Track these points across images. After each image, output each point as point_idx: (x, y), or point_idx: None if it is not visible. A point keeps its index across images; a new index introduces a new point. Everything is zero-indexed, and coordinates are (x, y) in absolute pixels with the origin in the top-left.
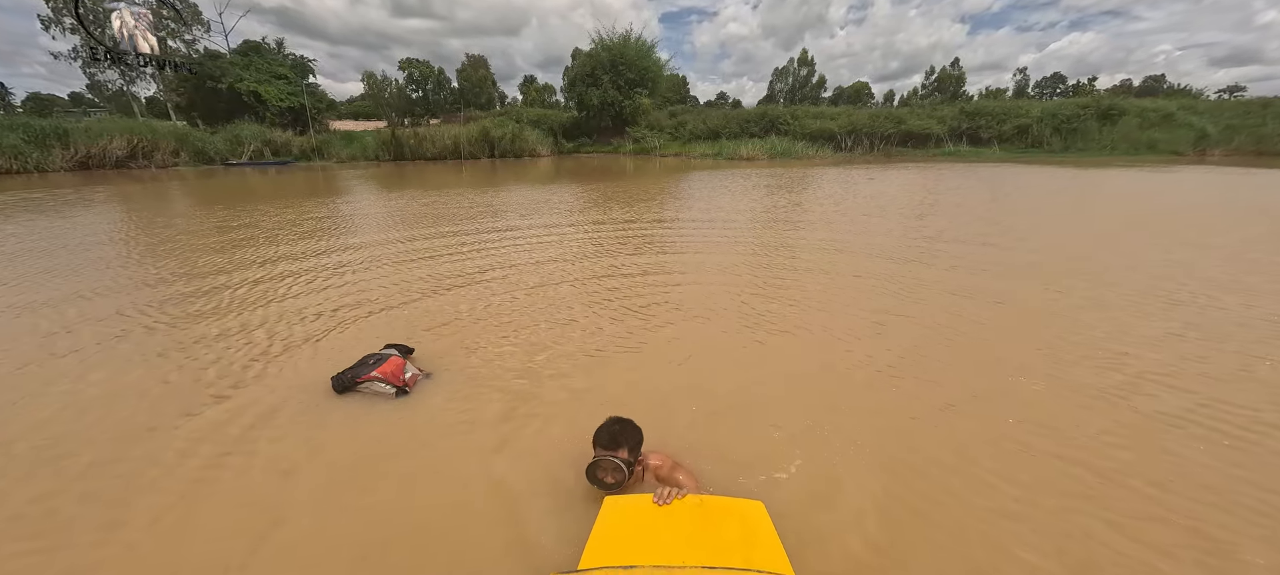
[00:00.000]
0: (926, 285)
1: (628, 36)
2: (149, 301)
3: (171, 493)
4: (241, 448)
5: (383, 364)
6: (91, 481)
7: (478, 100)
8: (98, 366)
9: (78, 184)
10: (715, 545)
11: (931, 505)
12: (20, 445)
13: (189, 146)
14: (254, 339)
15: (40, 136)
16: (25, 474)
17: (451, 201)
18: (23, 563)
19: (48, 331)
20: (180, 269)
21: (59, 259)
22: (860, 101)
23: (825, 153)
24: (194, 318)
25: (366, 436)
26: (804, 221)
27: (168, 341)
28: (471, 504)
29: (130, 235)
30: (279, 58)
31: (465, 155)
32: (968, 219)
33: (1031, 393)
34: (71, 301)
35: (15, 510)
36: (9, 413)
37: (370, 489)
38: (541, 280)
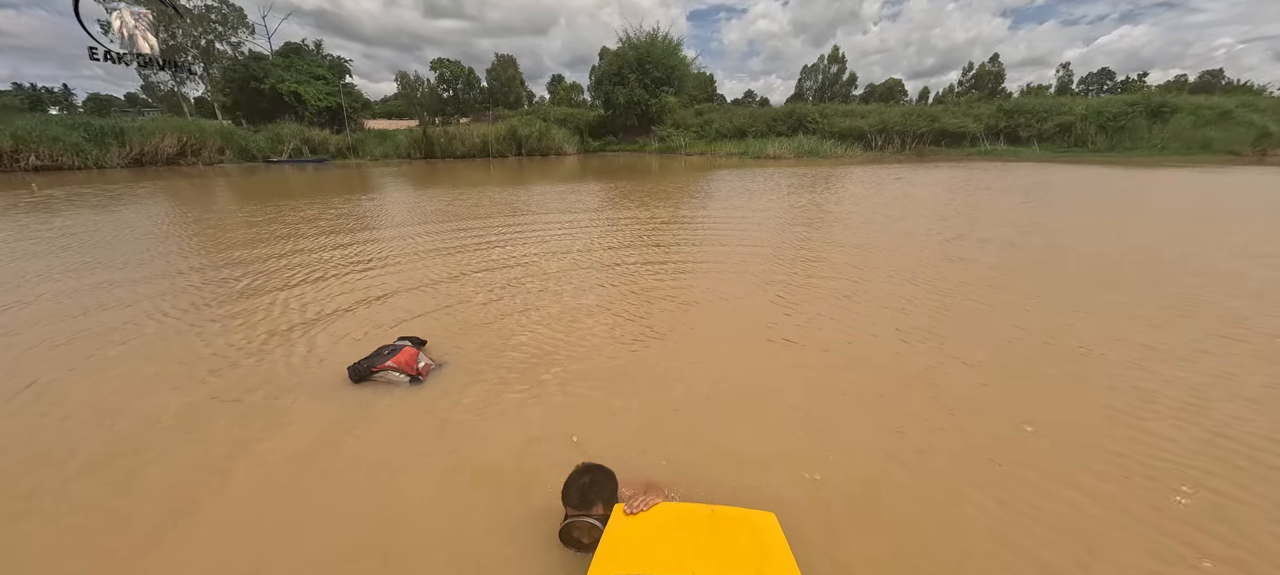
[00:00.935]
0: (947, 303)
1: (654, 35)
2: (185, 288)
3: (197, 472)
4: (265, 429)
5: (397, 354)
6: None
7: (506, 99)
8: (147, 356)
9: (132, 180)
10: (726, 557)
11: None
12: (85, 411)
13: (234, 145)
14: (279, 325)
15: (99, 135)
16: (91, 431)
17: (475, 198)
18: (108, 502)
19: (113, 313)
20: (219, 259)
21: (128, 247)
22: (892, 99)
23: (854, 151)
24: (230, 300)
25: (382, 422)
26: (820, 222)
27: (202, 330)
28: (473, 495)
29: (186, 228)
30: (318, 59)
31: (493, 153)
32: (999, 221)
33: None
34: (125, 285)
35: (92, 459)
36: (71, 377)
37: (389, 470)
38: (556, 275)
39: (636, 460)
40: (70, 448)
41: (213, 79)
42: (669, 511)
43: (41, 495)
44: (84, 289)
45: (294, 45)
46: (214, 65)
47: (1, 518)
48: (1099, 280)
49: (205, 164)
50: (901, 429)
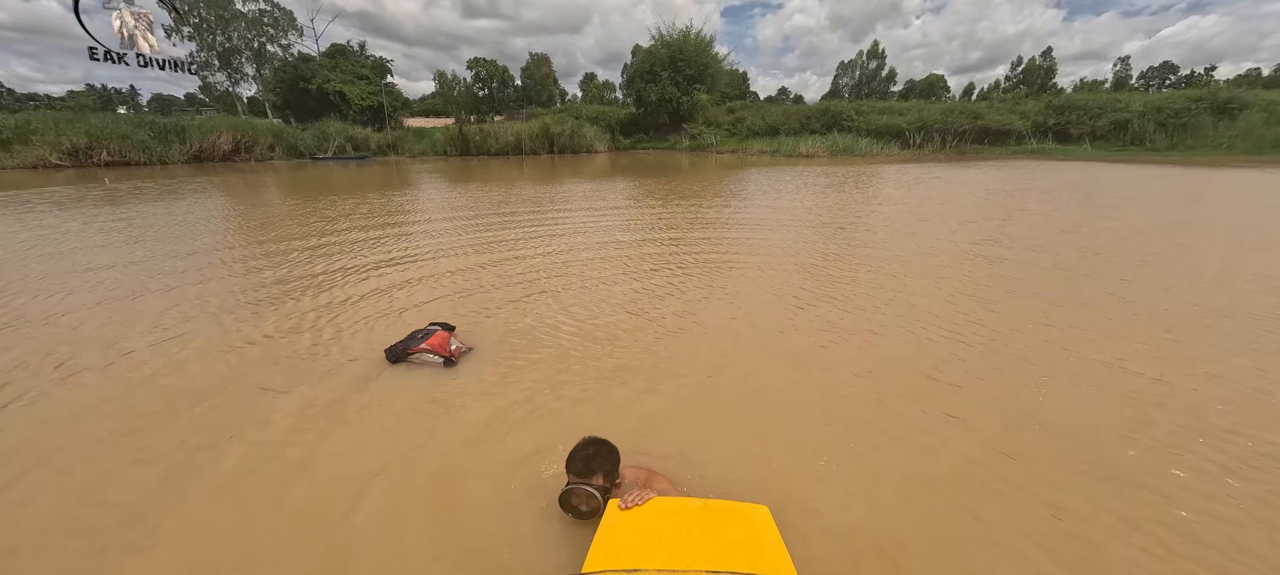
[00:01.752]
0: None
1: (687, 32)
2: (238, 273)
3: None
4: (314, 398)
5: (430, 338)
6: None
7: (539, 98)
8: (221, 342)
9: (192, 174)
10: (720, 549)
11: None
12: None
13: (283, 142)
14: (326, 309)
15: (163, 133)
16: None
17: (506, 194)
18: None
19: (188, 300)
20: (270, 248)
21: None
22: (934, 95)
23: (891, 150)
24: (274, 286)
25: (420, 399)
26: (841, 225)
27: (246, 316)
28: (505, 473)
29: (246, 220)
30: (361, 59)
31: (526, 151)
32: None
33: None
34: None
35: (192, 421)
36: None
37: (416, 445)
38: (580, 269)
39: (645, 444)
40: (169, 404)
41: (264, 79)
42: (663, 505)
43: (147, 433)
44: (183, 268)
45: (339, 47)
46: (265, 66)
47: (123, 461)
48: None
49: (257, 160)
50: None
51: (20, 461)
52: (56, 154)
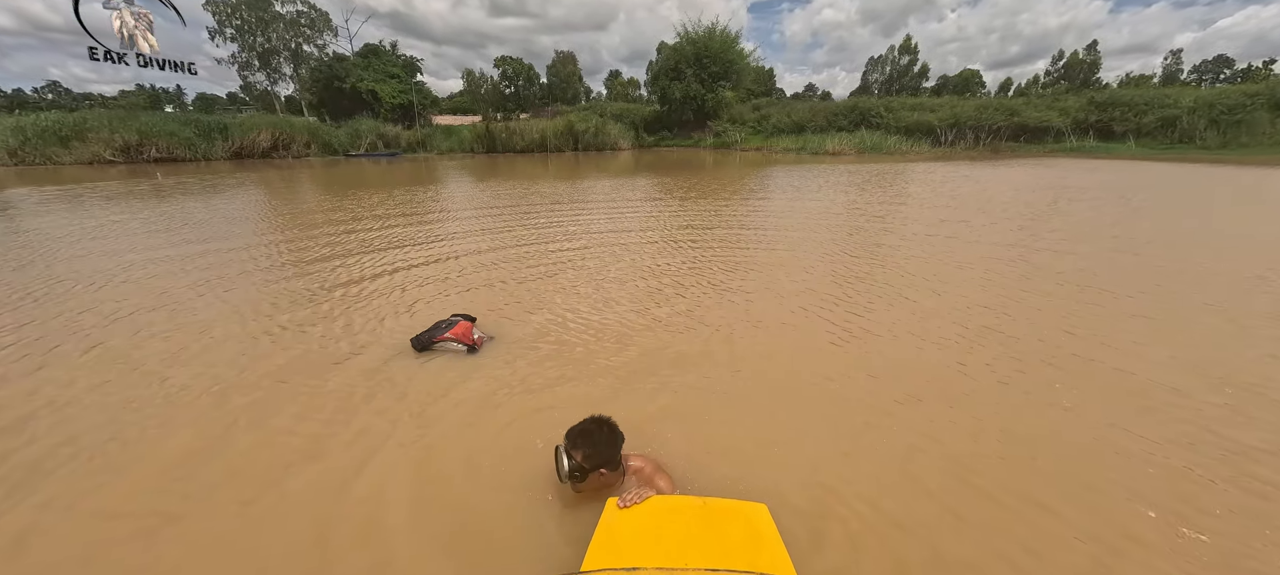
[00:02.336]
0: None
1: (712, 29)
2: (272, 267)
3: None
4: (346, 380)
5: (453, 327)
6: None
7: (565, 95)
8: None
9: (235, 170)
10: (719, 547)
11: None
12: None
13: (319, 139)
14: (358, 297)
15: (206, 130)
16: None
17: (529, 191)
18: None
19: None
20: (304, 240)
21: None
22: (968, 91)
23: (921, 147)
24: (318, 270)
25: (446, 383)
26: (859, 225)
27: (297, 305)
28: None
29: (284, 215)
30: (393, 59)
31: (551, 148)
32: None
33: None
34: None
35: (252, 397)
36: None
37: (439, 422)
38: (597, 264)
39: (651, 438)
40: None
41: (301, 79)
42: (662, 504)
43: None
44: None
45: (372, 46)
46: (302, 66)
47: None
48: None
49: (294, 157)
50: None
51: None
52: (110, 151)
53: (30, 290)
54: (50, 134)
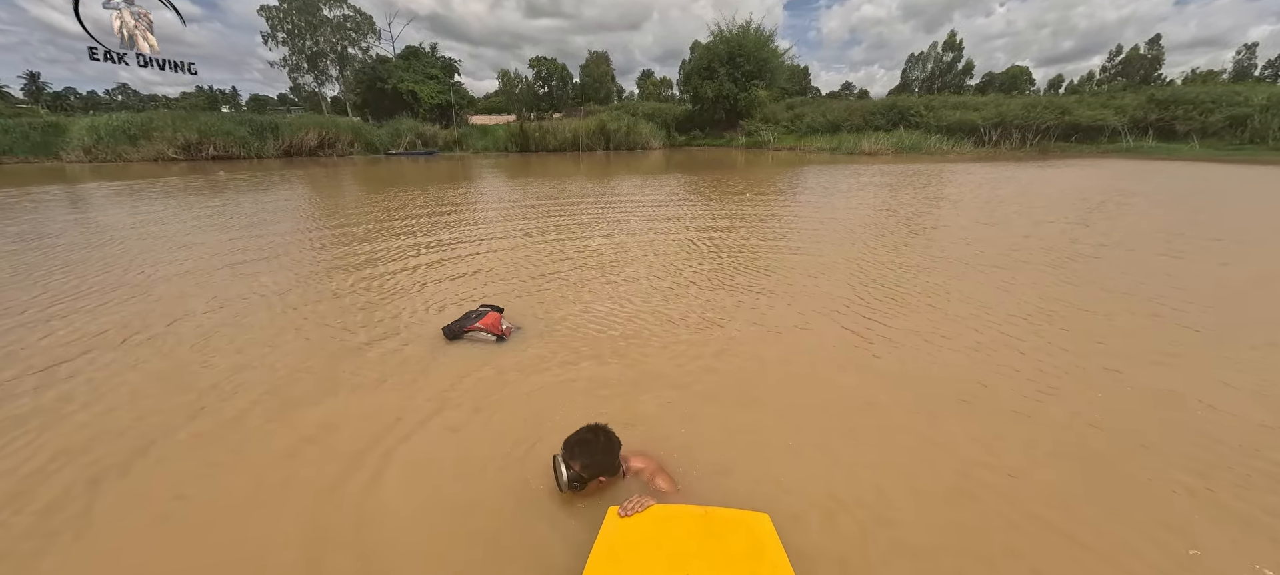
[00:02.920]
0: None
1: (747, 27)
2: (317, 261)
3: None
4: (383, 364)
5: (483, 317)
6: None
7: (597, 95)
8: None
9: (284, 167)
10: (721, 558)
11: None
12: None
13: (361, 138)
14: (394, 290)
15: (259, 130)
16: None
17: (559, 189)
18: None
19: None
20: (357, 235)
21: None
22: (1016, 89)
23: (963, 147)
24: (363, 260)
25: (481, 369)
26: (889, 226)
27: (346, 294)
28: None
29: (331, 209)
30: (432, 60)
31: (583, 147)
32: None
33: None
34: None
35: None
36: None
37: (481, 408)
38: (623, 261)
39: (660, 439)
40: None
41: (346, 80)
42: (663, 513)
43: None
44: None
45: (413, 49)
46: (347, 68)
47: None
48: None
49: (339, 155)
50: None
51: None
52: (173, 149)
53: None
54: (120, 133)
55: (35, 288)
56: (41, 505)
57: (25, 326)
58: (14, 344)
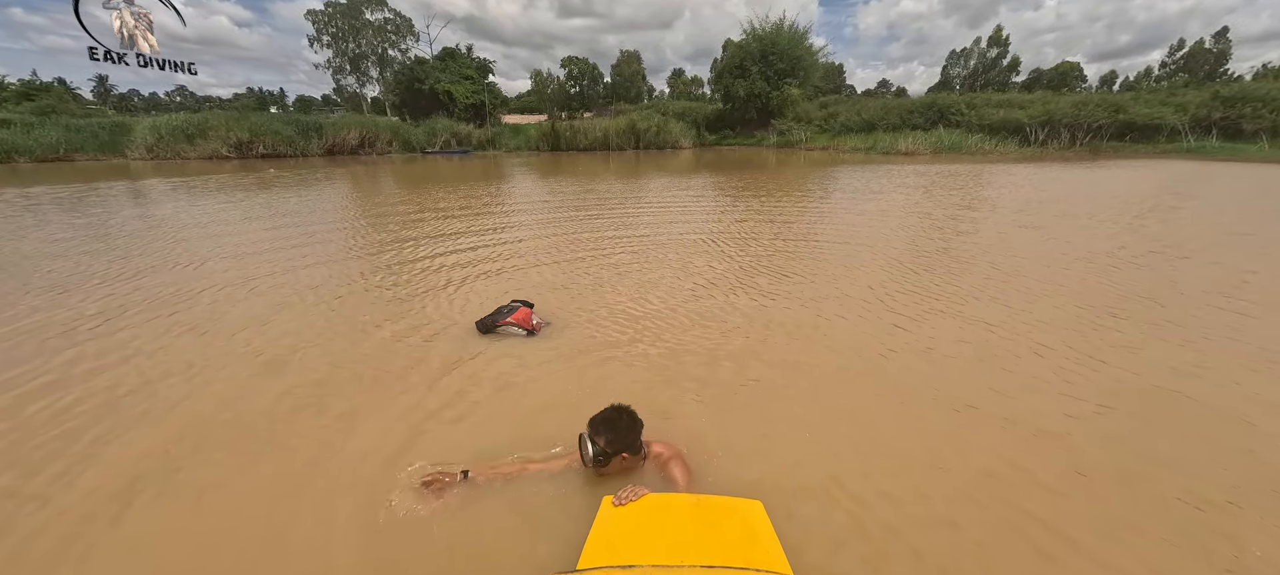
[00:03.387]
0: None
1: (780, 25)
2: (372, 259)
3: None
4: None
5: (514, 313)
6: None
7: (628, 94)
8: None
9: (328, 165)
10: (714, 544)
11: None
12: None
13: (399, 137)
14: (433, 284)
15: (304, 129)
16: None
17: (586, 189)
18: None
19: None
20: (390, 235)
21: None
22: (1065, 86)
23: (1007, 147)
24: (402, 271)
25: (514, 360)
26: (921, 229)
27: (385, 290)
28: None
29: (373, 206)
30: (467, 61)
31: (613, 146)
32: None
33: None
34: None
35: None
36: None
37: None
38: (650, 258)
39: (683, 426)
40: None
41: (386, 81)
42: (657, 501)
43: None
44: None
45: (449, 50)
46: (387, 69)
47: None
48: None
49: (378, 154)
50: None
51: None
52: (226, 147)
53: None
54: (179, 132)
55: (103, 267)
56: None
57: (105, 299)
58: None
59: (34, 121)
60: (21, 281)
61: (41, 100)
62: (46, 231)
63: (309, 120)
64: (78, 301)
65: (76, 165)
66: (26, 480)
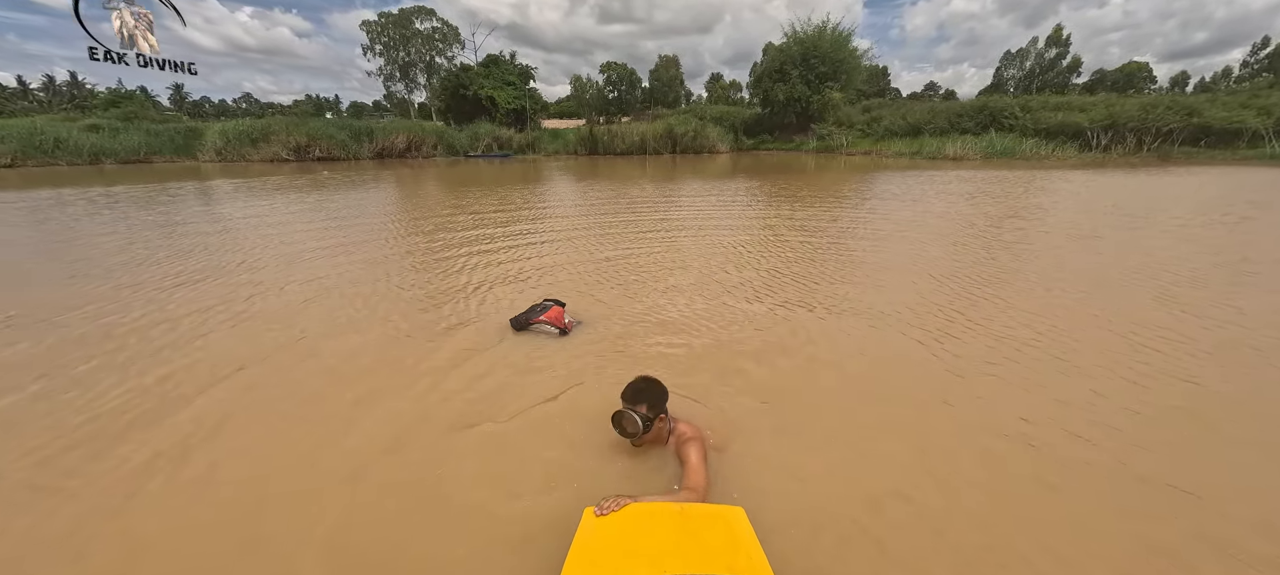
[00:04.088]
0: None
1: (823, 27)
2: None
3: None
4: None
5: (547, 311)
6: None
7: (665, 99)
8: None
9: (377, 167)
10: (697, 553)
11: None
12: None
13: (444, 141)
14: (470, 283)
15: (357, 134)
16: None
17: (622, 194)
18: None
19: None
20: (429, 228)
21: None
22: (1131, 87)
23: (1065, 152)
24: (435, 267)
25: (542, 359)
26: (958, 238)
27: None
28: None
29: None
30: (510, 67)
31: (650, 150)
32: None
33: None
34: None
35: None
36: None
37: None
38: (673, 267)
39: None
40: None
41: (432, 87)
42: (639, 512)
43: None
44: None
45: (493, 57)
46: (434, 76)
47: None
48: None
49: (423, 157)
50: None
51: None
52: (285, 150)
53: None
54: (244, 137)
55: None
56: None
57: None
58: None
59: (119, 127)
60: (105, 268)
61: (126, 107)
62: (127, 226)
63: (360, 125)
64: (148, 277)
65: (154, 166)
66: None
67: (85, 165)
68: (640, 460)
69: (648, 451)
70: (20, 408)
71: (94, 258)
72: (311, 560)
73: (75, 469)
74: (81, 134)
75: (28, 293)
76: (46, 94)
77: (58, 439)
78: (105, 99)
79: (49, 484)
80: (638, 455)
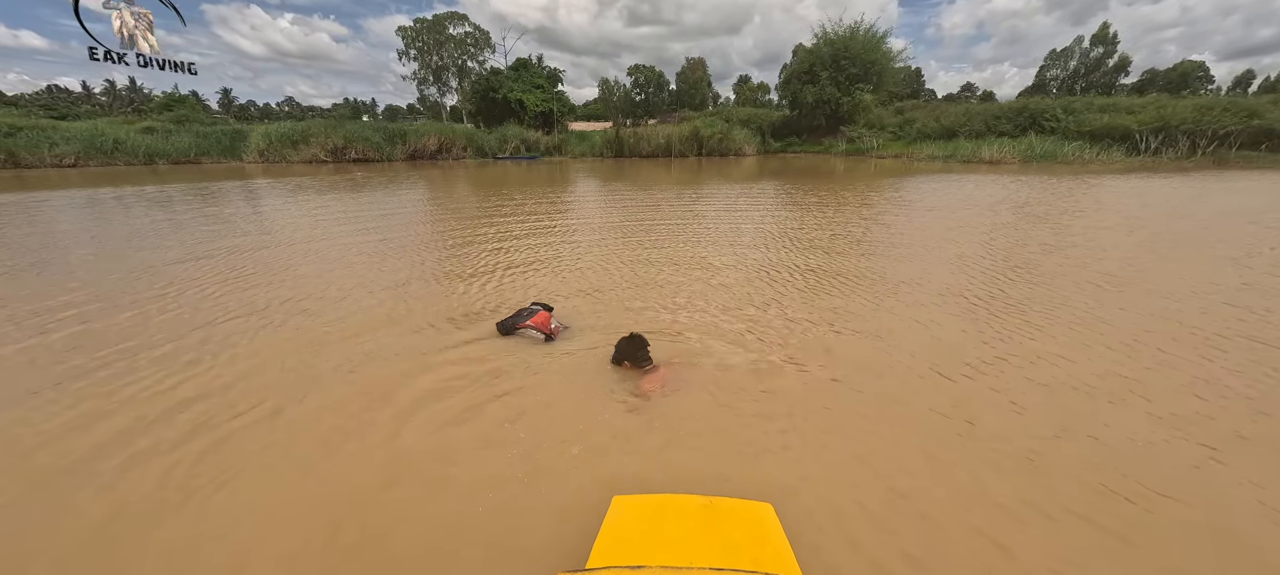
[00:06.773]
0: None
1: (855, 28)
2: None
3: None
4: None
5: (534, 316)
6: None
7: (692, 101)
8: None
9: (409, 169)
10: (723, 546)
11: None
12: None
13: (474, 143)
14: (484, 288)
15: (390, 136)
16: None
17: (646, 199)
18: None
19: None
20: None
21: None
22: (1186, 88)
23: (1111, 156)
24: (451, 273)
25: (528, 368)
26: (984, 251)
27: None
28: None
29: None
30: (538, 71)
31: (675, 153)
32: None
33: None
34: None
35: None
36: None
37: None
38: (681, 270)
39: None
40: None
41: (464, 91)
42: (668, 503)
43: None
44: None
45: (522, 61)
46: (465, 80)
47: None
48: None
49: (454, 159)
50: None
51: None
52: (324, 152)
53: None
54: (285, 139)
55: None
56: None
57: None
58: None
59: (172, 129)
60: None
61: (178, 110)
62: (185, 223)
63: (394, 127)
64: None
65: (202, 167)
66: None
67: (140, 165)
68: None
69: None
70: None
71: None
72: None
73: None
74: (138, 136)
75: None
76: (108, 98)
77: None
78: (160, 102)
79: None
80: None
